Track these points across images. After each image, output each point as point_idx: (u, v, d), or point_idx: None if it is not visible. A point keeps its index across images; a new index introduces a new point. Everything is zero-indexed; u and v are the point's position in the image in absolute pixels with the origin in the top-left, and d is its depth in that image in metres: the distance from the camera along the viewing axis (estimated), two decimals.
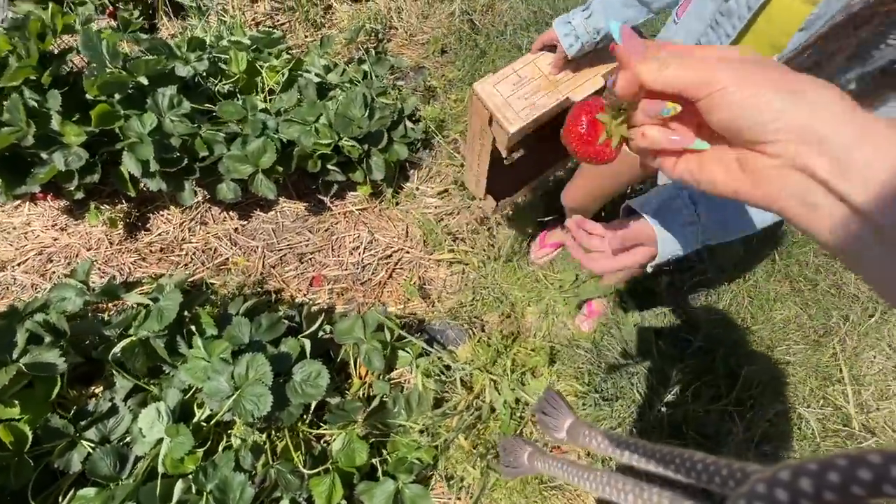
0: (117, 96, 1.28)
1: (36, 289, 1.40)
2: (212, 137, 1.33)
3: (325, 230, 1.48)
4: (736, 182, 0.27)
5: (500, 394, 1.12)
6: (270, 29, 1.63)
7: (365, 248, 1.45)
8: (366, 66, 1.54)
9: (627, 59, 0.28)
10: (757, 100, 0.24)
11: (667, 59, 0.27)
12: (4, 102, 1.21)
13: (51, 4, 1.29)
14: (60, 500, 0.94)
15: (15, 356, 0.89)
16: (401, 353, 1.15)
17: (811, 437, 1.08)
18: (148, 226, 1.50)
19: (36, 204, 1.51)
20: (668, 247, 0.48)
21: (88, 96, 1.28)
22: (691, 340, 1.16)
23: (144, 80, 1.30)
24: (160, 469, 0.96)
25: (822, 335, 1.22)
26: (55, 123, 1.24)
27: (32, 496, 0.91)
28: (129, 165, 1.26)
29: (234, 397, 0.97)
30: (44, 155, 1.24)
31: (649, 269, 0.51)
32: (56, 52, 1.31)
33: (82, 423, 0.99)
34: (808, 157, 0.23)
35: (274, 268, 1.43)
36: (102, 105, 1.23)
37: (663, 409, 1.05)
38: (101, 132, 1.28)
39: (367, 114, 1.37)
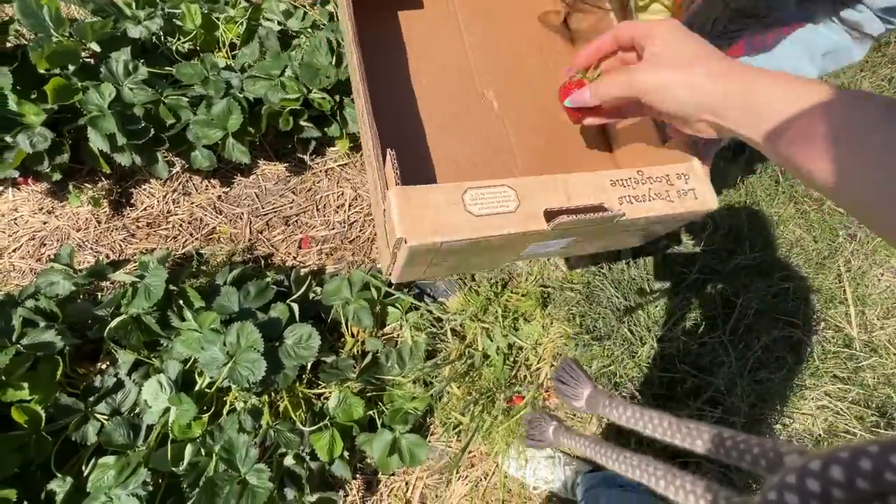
0: (71, 67, 1.21)
1: (34, 272, 1.43)
2: (176, 103, 1.27)
3: (308, 190, 1.45)
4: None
5: (492, 341, 1.13)
6: None
7: (350, 206, 1.41)
8: (330, 6, 1.42)
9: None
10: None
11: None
12: None
13: None
14: (84, 468, 1.01)
15: (14, 339, 0.91)
16: (391, 308, 1.15)
17: (809, 360, 1.07)
18: (132, 201, 1.48)
19: (19, 189, 1.50)
20: None
21: (40, 70, 1.21)
22: (686, 273, 1.13)
23: (96, 47, 1.23)
24: (171, 435, 1.02)
25: (826, 257, 1.17)
26: (12, 104, 1.19)
27: (56, 468, 0.97)
28: (95, 141, 1.22)
29: (229, 365, 1.00)
30: (8, 139, 1.21)
31: None
32: None
33: (91, 398, 1.03)
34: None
35: (261, 233, 1.42)
36: (56, 79, 1.17)
37: (655, 344, 1.04)
38: (61, 108, 1.23)
39: (333, 61, 1.28)
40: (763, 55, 0.64)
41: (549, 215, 0.43)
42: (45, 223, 1.48)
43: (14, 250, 1.45)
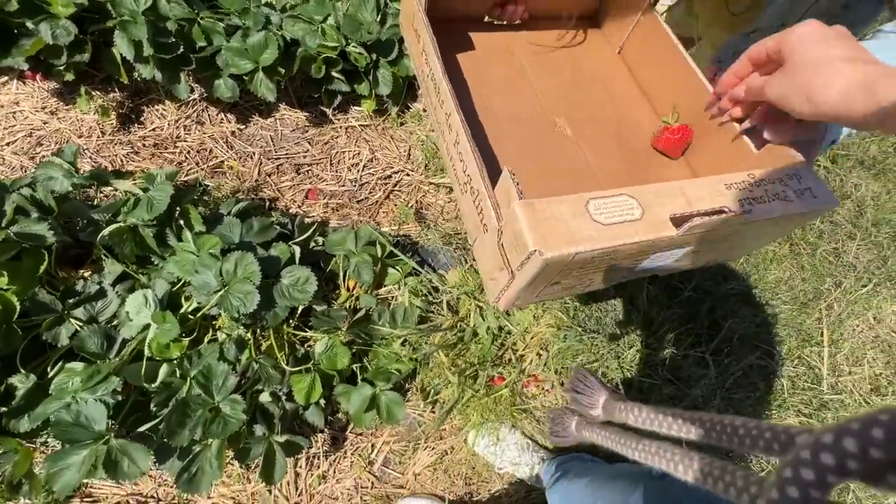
0: None
1: (25, 171, 1.37)
2: (211, 27, 1.24)
3: (325, 143, 1.43)
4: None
5: (483, 320, 1.14)
6: None
7: (364, 166, 1.41)
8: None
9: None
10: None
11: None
12: None
13: None
14: (49, 370, 0.97)
15: (3, 225, 0.88)
16: (390, 270, 1.15)
17: (779, 392, 1.11)
18: (142, 119, 1.44)
19: (24, 83, 1.45)
20: None
21: None
22: (682, 289, 1.17)
23: None
24: (146, 353, 0.99)
25: (811, 298, 1.22)
26: None
27: (21, 364, 0.93)
28: (121, 47, 1.18)
29: (221, 293, 0.98)
30: (29, 24, 1.16)
31: None
32: None
33: (70, 301, 1.00)
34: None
35: (270, 176, 1.40)
36: None
37: (642, 348, 1.07)
38: (91, 6, 1.19)
39: (378, 19, 1.28)
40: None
41: (677, 221, 0.43)
42: (45, 123, 1.42)
43: (7, 143, 1.39)
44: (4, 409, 0.87)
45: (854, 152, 1.41)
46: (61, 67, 1.28)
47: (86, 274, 1.14)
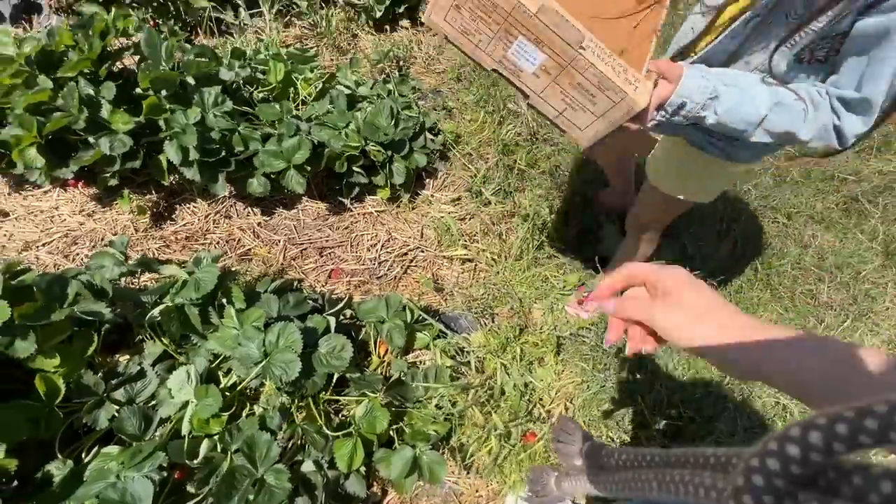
0: (164, 92, 1.39)
1: (58, 269, 1.44)
2: (249, 134, 1.44)
3: (345, 228, 1.58)
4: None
5: (510, 377, 1.19)
6: (304, 48, 1.80)
7: (382, 246, 1.54)
8: (390, 85, 1.71)
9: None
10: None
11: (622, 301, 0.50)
12: (60, 90, 1.31)
13: (113, 9, 1.43)
14: (84, 455, 0.95)
15: (65, 305, 0.94)
16: (419, 335, 1.22)
17: None
18: (174, 216, 1.57)
19: (66, 190, 1.58)
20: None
21: (139, 90, 1.39)
22: None
23: (191, 80, 1.42)
24: (184, 430, 0.99)
25: None
26: (105, 112, 1.34)
27: (59, 449, 0.92)
28: (169, 153, 1.35)
29: (263, 363, 1.02)
30: (91, 139, 1.33)
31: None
32: (111, 50, 1.44)
33: (112, 382, 1.02)
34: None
35: (294, 260, 1.50)
36: (152, 98, 1.34)
37: (663, 389, 1.13)
38: (146, 122, 1.38)
39: (392, 123, 1.51)
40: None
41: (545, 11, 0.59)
42: (81, 224, 1.53)
43: (44, 244, 1.48)
44: (41, 495, 0.85)
45: (803, 210, 1.65)
46: (108, 174, 1.43)
47: (121, 359, 1.16)
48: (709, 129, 0.75)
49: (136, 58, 1.47)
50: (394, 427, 1.06)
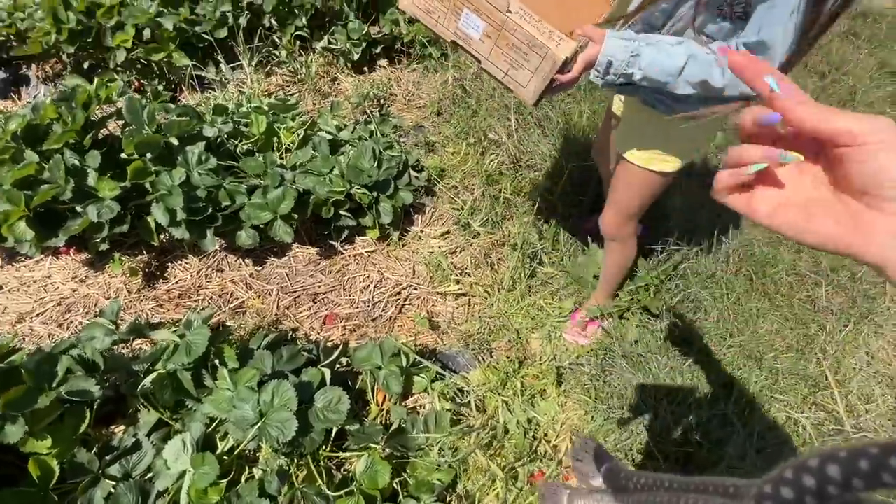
0: (149, 155, 1.42)
1: (53, 339, 1.43)
2: (234, 189, 1.45)
3: (337, 272, 1.58)
4: (849, 236, 0.28)
5: (512, 414, 1.17)
6: (286, 97, 1.83)
7: (375, 287, 1.54)
8: (372, 126, 1.73)
9: (786, 102, 0.30)
10: None
11: (828, 107, 0.29)
12: (46, 163, 1.34)
13: (95, 79, 1.46)
14: None
15: (54, 385, 0.93)
16: (416, 378, 1.20)
17: (810, 442, 1.14)
18: (166, 275, 1.57)
19: (58, 258, 1.59)
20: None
21: (123, 155, 1.41)
22: (687, 353, 1.25)
23: (175, 140, 1.45)
24: (183, 503, 0.97)
25: (805, 345, 1.32)
26: (91, 180, 1.36)
27: None
28: (157, 215, 1.36)
29: (259, 425, 1.01)
30: (78, 208, 1.35)
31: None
32: (95, 119, 1.47)
33: (107, 458, 1.00)
34: None
35: (288, 309, 1.50)
36: (137, 162, 1.36)
37: (669, 416, 1.11)
38: (132, 186, 1.40)
39: (375, 164, 1.52)
40: None
41: None
42: (74, 290, 1.53)
43: (37, 315, 1.48)
44: None
45: None
46: (97, 240, 1.44)
47: (117, 430, 1.14)
48: (644, 85, 0.83)
49: (121, 122, 1.50)
50: (397, 479, 1.03)
